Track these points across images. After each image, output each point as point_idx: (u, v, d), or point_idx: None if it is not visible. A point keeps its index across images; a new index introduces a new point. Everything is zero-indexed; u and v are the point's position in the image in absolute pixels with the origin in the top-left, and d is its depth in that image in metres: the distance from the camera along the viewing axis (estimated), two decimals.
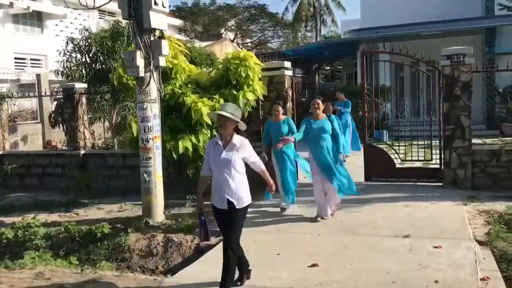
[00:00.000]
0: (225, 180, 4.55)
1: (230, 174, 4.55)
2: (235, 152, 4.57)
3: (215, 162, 4.60)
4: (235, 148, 4.58)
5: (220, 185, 4.57)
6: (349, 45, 20.26)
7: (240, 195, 4.57)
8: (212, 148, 4.67)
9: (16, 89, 16.93)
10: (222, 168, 4.56)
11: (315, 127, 6.97)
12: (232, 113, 4.54)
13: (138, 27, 7.04)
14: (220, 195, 4.58)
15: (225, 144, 4.61)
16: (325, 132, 6.95)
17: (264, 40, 41.33)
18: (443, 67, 8.88)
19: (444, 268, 5.01)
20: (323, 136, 6.93)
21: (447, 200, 7.95)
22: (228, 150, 4.57)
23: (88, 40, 13.29)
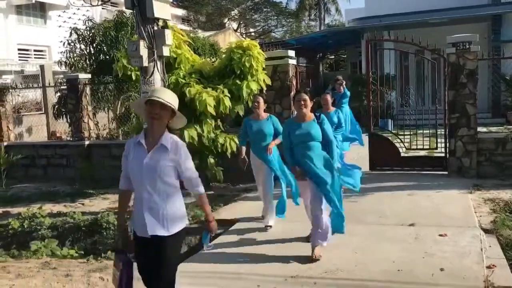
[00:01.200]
0: (147, 195, 3.29)
1: (155, 187, 3.28)
2: (164, 156, 3.29)
3: (135, 170, 3.32)
4: (165, 151, 3.29)
5: (141, 202, 3.33)
6: (353, 34, 20.14)
7: (168, 216, 3.32)
8: (132, 150, 3.39)
9: (20, 80, 16.96)
10: (143, 179, 3.28)
11: (298, 132, 5.17)
12: (170, 101, 3.30)
13: (141, 16, 6.99)
14: (140, 217, 3.32)
15: (150, 144, 3.33)
16: (312, 139, 5.14)
17: (268, 30, 41.17)
18: (448, 54, 8.81)
19: (449, 256, 5.00)
20: (309, 144, 5.14)
21: (452, 189, 7.93)
22: (154, 154, 3.28)
23: (92, 30, 13.26)
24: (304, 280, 4.62)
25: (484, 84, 15.74)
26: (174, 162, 3.32)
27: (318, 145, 5.18)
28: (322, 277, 4.67)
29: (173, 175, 3.36)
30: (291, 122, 5.39)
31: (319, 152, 5.17)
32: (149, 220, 3.29)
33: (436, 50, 9.39)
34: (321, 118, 5.22)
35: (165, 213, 3.31)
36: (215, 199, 8.15)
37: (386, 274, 4.66)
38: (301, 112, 5.19)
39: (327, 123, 5.25)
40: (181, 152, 3.34)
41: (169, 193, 3.34)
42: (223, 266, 5.11)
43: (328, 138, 5.21)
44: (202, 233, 3.72)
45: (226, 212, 7.23)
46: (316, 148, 5.16)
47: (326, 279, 4.63)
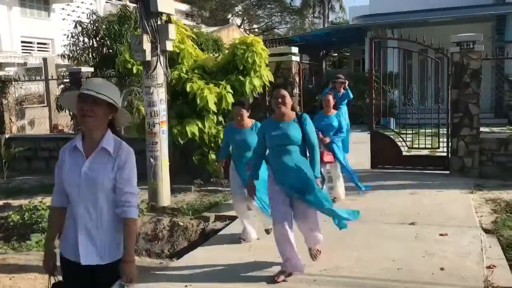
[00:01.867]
0: (83, 213, 2.64)
1: (96, 203, 2.64)
2: (106, 163, 2.65)
3: (71, 182, 2.65)
4: (107, 157, 2.66)
5: (75, 221, 2.66)
6: (357, 32, 20.09)
7: (110, 242, 2.66)
8: (68, 157, 2.72)
9: (23, 73, 16.93)
10: (81, 193, 2.63)
11: (275, 133, 4.51)
12: (109, 95, 2.65)
13: (145, 10, 6.99)
14: (72, 239, 2.66)
15: (89, 149, 2.69)
16: (290, 142, 4.48)
17: (271, 26, 41.07)
18: (452, 54, 8.79)
19: (450, 256, 5.00)
20: (287, 148, 4.48)
21: (454, 188, 7.93)
22: (93, 160, 2.65)
23: (96, 23, 13.25)
24: (303, 277, 4.61)
25: (488, 84, 15.69)
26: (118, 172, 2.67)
27: (297, 149, 4.50)
28: (322, 274, 4.67)
29: None
30: (268, 121, 4.76)
31: (298, 158, 4.49)
32: (84, 245, 2.62)
33: (440, 49, 9.36)
34: (303, 118, 4.52)
35: (105, 238, 2.64)
36: (216, 194, 8.16)
37: (386, 273, 4.66)
38: (279, 111, 4.52)
39: (310, 124, 4.54)
40: (124, 157, 2.67)
41: (113, 211, 2.67)
42: (222, 261, 5.11)
43: (311, 141, 4.52)
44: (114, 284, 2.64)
45: (227, 208, 7.23)
46: (294, 153, 4.48)
47: (326, 276, 4.63)
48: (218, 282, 4.61)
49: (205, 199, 7.93)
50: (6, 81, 12.18)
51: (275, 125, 4.55)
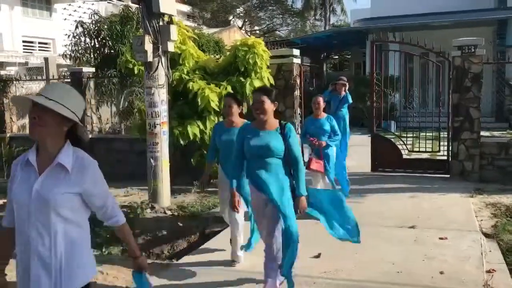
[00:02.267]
0: (36, 237, 2.27)
1: (49, 226, 2.27)
2: (61, 180, 2.29)
3: (20, 200, 2.30)
4: (63, 174, 2.30)
5: (27, 247, 2.30)
6: (358, 35, 20.12)
7: (67, 271, 2.31)
8: (20, 171, 2.37)
9: (24, 72, 16.95)
10: (31, 214, 2.28)
11: (253, 143, 4.00)
12: (59, 100, 2.27)
13: (147, 11, 7.00)
14: (24, 267, 2.32)
15: (43, 164, 2.32)
16: (270, 154, 3.95)
17: (273, 28, 41.10)
18: (453, 58, 8.80)
19: (449, 260, 5.00)
20: (266, 161, 3.96)
21: (454, 192, 7.93)
22: (47, 177, 2.29)
23: (98, 24, 13.26)
24: (303, 279, 4.61)
25: (489, 89, 15.69)
26: (78, 188, 2.31)
27: (278, 163, 3.97)
28: (321, 276, 4.67)
29: (78, 208, 2.36)
30: (248, 127, 4.17)
31: (277, 173, 3.97)
32: (37, 275, 2.27)
33: (441, 53, 9.37)
34: (287, 129, 3.96)
35: (61, 266, 2.29)
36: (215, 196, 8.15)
37: (385, 276, 4.66)
38: (258, 118, 3.99)
39: (294, 137, 3.98)
40: (88, 173, 2.34)
41: (71, 235, 2.31)
42: (221, 262, 5.11)
43: (294, 155, 3.96)
44: (132, 275, 2.73)
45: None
46: (274, 166, 3.96)
47: (325, 279, 4.63)
48: (217, 284, 4.60)
49: (205, 200, 7.92)
50: (7, 81, 12.19)
51: (254, 133, 4.01)
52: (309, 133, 6.71)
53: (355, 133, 14.95)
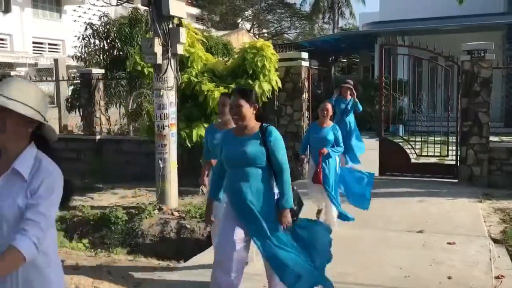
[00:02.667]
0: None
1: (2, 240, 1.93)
2: (16, 189, 1.97)
3: None
4: (19, 181, 1.98)
5: None
6: (367, 38, 20.10)
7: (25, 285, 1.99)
8: None
9: (34, 73, 17.09)
10: None
11: (229, 151, 3.61)
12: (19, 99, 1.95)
13: (157, 14, 7.04)
14: None
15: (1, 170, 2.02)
16: (249, 163, 3.50)
17: (281, 31, 41.14)
18: (463, 62, 8.77)
19: (457, 265, 4.97)
20: (245, 170, 3.51)
21: (462, 197, 7.88)
22: (1, 186, 1.99)
23: (107, 26, 13.35)
24: None
25: (498, 93, 15.60)
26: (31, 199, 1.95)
27: (258, 173, 3.49)
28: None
29: None
30: (226, 133, 3.79)
31: (258, 184, 3.49)
32: None
33: (450, 57, 9.34)
34: (268, 132, 3.46)
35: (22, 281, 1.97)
36: None
37: (393, 280, 4.64)
38: (236, 124, 3.62)
39: (276, 141, 3.47)
40: (41, 179, 1.96)
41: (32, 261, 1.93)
42: None
43: (278, 163, 3.48)
44: None
45: None
46: (254, 177, 3.48)
47: (333, 282, 4.61)
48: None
49: None
50: None
51: (231, 139, 3.61)
52: (310, 142, 6.21)
53: (363, 136, 14.90)
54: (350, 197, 6.44)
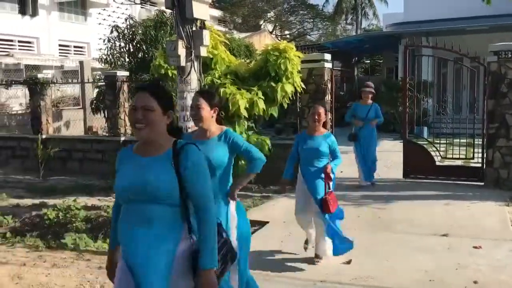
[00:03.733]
0: None
1: None
2: None
3: None
4: None
5: None
6: (390, 39, 19.90)
7: None
8: None
9: (60, 76, 17.42)
10: None
11: (124, 177, 2.56)
12: None
13: (180, 16, 7.10)
14: None
15: None
16: (150, 199, 2.43)
17: (303, 32, 41.06)
18: (489, 63, 8.62)
19: (484, 269, 4.89)
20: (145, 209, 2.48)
21: (489, 200, 7.75)
22: None
23: (132, 28, 13.53)
24: (333, 285, 4.60)
25: None
26: None
27: (164, 213, 2.48)
28: (352, 283, 4.64)
29: None
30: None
31: (162, 231, 2.38)
32: None
33: (476, 58, 9.19)
34: (184, 153, 2.40)
35: None
36: (245, 200, 8.19)
37: (417, 284, 4.59)
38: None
39: (197, 166, 2.41)
40: None
41: None
42: (250, 266, 5.12)
43: (197, 199, 2.41)
44: None
45: (257, 213, 7.26)
46: (158, 219, 2.37)
47: (356, 285, 4.60)
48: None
49: None
50: (44, 84, 12.53)
51: (130, 159, 2.89)
52: (300, 155, 5.21)
53: (387, 139, 14.80)
54: None
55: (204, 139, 3.40)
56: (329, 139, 5.10)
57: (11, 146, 12.70)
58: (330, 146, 5.07)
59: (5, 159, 12.62)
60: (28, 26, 21.82)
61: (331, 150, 5.09)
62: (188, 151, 2.41)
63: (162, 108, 2.41)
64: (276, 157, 9.49)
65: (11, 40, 21.49)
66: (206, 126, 3.41)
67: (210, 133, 3.44)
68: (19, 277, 5.00)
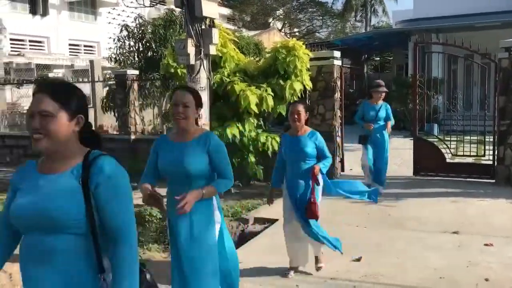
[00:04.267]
0: None
1: None
2: None
3: None
4: None
5: None
6: (400, 36, 19.81)
7: None
8: None
9: (71, 75, 17.55)
10: None
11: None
12: None
13: (189, 15, 7.12)
14: None
15: None
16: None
17: (312, 30, 40.95)
18: (500, 59, 8.55)
19: (495, 267, 4.87)
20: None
21: (500, 198, 7.70)
22: None
23: (142, 27, 13.59)
24: (343, 282, 4.60)
25: None
26: None
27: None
28: (362, 280, 4.63)
29: None
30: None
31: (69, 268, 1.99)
32: None
33: (487, 55, 9.12)
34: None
35: None
36: (255, 197, 8.21)
37: (427, 281, 4.58)
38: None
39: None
40: None
41: None
42: (261, 263, 5.14)
43: (113, 227, 1.93)
44: None
45: (266, 211, 7.26)
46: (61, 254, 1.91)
47: (366, 282, 4.60)
48: (258, 284, 4.64)
49: (244, 201, 7.99)
50: None
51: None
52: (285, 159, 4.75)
53: (397, 136, 14.74)
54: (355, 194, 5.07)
55: (182, 140, 3.19)
56: (314, 137, 4.60)
57: (23, 145, 12.82)
58: (316, 145, 4.58)
59: (17, 158, 12.74)
60: (38, 26, 22.00)
61: (318, 150, 4.58)
62: (99, 163, 1.90)
63: (68, 113, 1.90)
64: None
65: (22, 40, 21.69)
66: (188, 126, 3.19)
67: (190, 135, 3.19)
68: None
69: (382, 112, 7.91)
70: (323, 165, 4.54)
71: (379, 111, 7.88)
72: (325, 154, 4.61)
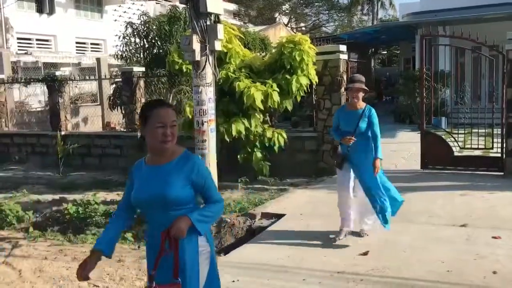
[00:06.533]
0: None
1: None
2: None
3: None
4: None
5: None
6: (407, 29, 19.68)
7: None
8: None
9: (77, 73, 17.63)
10: None
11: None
12: None
13: (194, 11, 7.11)
14: None
15: None
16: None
17: (319, 24, 40.82)
18: (508, 51, 8.48)
19: (503, 260, 4.84)
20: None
21: (508, 190, 7.65)
22: None
23: (147, 24, 13.62)
24: (350, 276, 4.60)
25: None
26: None
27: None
28: (369, 274, 4.63)
29: None
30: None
31: None
32: None
33: (495, 47, 9.05)
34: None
35: None
36: (262, 192, 8.22)
37: (435, 274, 4.57)
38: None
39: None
40: None
41: None
42: (268, 258, 5.15)
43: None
44: None
45: (273, 206, 7.27)
46: None
47: (373, 276, 4.59)
48: (266, 278, 4.65)
49: (251, 196, 8.00)
50: (62, 81, 12.70)
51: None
52: None
53: (405, 130, 14.68)
54: None
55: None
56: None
57: (31, 143, 12.92)
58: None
59: (25, 156, 12.84)
60: (45, 24, 22.09)
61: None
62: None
63: None
64: (292, 150, 9.52)
65: (29, 38, 21.80)
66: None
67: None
68: (40, 271, 5.11)
69: (363, 122, 5.38)
70: None
71: (360, 119, 5.37)
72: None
